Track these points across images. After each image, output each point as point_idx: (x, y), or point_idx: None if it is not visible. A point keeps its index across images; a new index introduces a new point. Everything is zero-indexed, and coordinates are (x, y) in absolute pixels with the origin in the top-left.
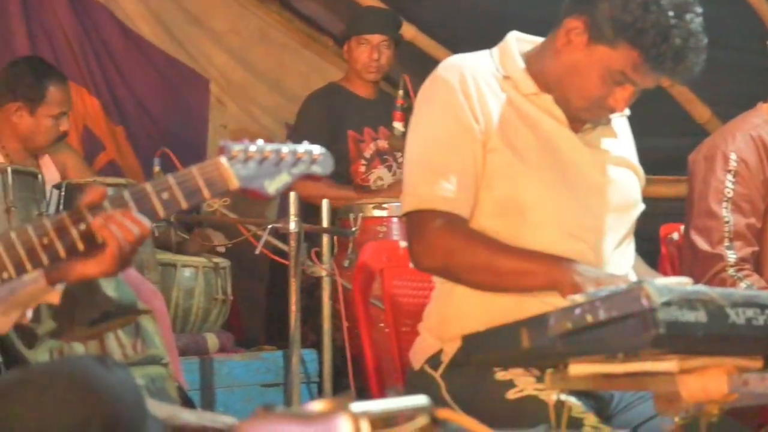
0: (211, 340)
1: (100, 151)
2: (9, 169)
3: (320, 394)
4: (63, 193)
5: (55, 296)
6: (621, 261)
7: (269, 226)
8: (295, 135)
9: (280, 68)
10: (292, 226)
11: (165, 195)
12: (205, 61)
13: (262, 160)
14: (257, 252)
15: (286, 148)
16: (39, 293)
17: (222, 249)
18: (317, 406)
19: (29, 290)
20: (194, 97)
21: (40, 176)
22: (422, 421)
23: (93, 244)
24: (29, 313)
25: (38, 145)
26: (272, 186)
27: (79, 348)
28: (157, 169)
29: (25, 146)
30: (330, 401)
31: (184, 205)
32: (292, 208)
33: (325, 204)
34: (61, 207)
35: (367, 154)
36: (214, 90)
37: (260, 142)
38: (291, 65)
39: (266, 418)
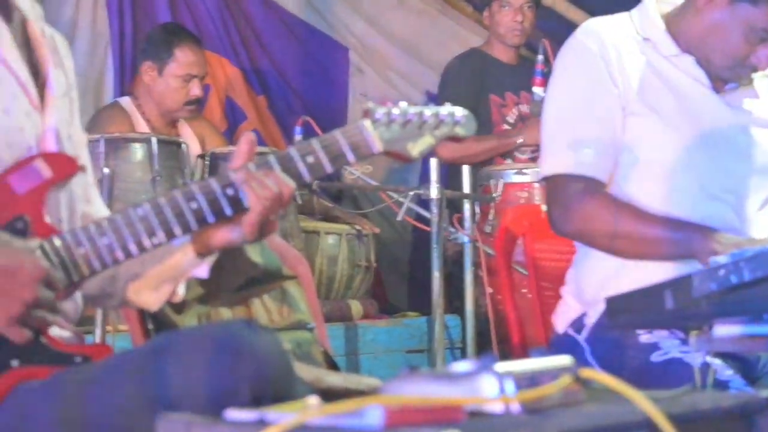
0: (355, 306)
1: (243, 121)
2: (154, 139)
3: (464, 359)
4: (207, 163)
5: (203, 270)
6: (765, 223)
7: (411, 193)
8: (438, 99)
9: (418, 35)
10: (434, 192)
11: (310, 159)
12: (344, 29)
13: (405, 123)
14: (399, 219)
15: (428, 111)
16: (188, 265)
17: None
18: (462, 366)
19: (177, 260)
20: (334, 66)
21: (183, 145)
22: (566, 380)
23: (240, 210)
24: (180, 290)
25: (169, 107)
26: (416, 149)
27: (225, 313)
28: (298, 138)
29: (160, 110)
30: (475, 361)
31: (328, 168)
32: (434, 175)
33: (466, 170)
34: (205, 176)
35: (511, 118)
36: (354, 58)
37: (403, 104)
38: (429, 32)
39: (412, 378)
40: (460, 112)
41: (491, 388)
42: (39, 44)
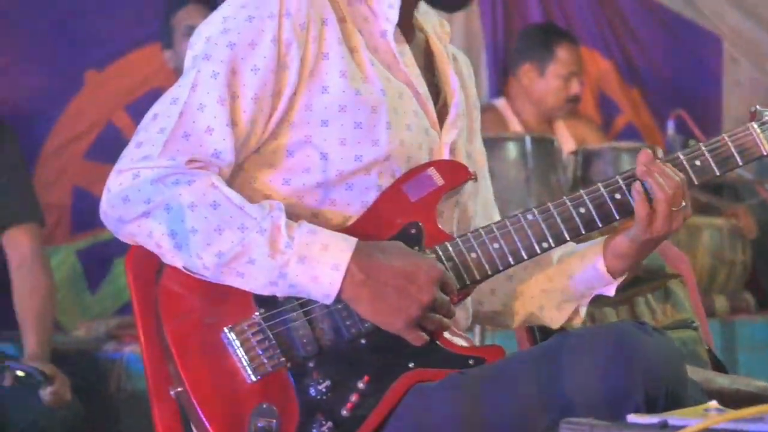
0: (720, 302)
1: (617, 114)
2: (527, 138)
3: None
4: (580, 160)
5: (610, 290)
6: None
7: None
8: None
9: None
10: None
11: (697, 162)
12: (716, 18)
13: None
14: None
15: None
16: (596, 282)
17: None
18: None
19: (586, 277)
20: (706, 56)
21: (556, 142)
22: None
23: (627, 214)
24: (583, 311)
25: (549, 106)
26: None
27: (610, 313)
28: (671, 131)
29: (538, 110)
30: None
31: (717, 172)
32: None
33: None
34: (578, 173)
35: None
36: (727, 48)
37: None
38: None
39: None
40: None
41: None
42: (441, 64)
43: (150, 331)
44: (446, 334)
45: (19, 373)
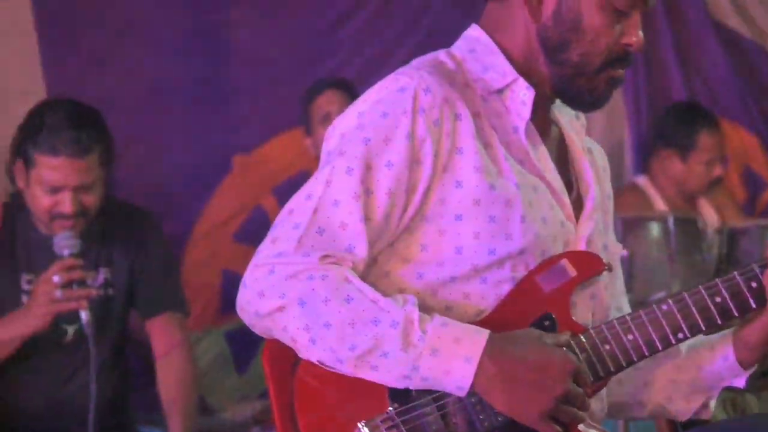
0: None
1: (762, 189)
2: (670, 218)
3: None
4: (725, 238)
5: (741, 381)
6: None
7: None
8: None
9: None
10: None
11: None
12: None
13: None
14: None
15: None
16: (727, 374)
17: None
18: None
19: (716, 368)
20: None
21: (700, 222)
22: None
23: (765, 303)
24: (712, 404)
25: (691, 189)
26: None
27: (751, 399)
28: None
29: (679, 190)
30: None
31: None
32: None
33: None
34: (723, 251)
35: None
36: None
37: None
38: None
39: None
40: None
41: None
42: (576, 157)
43: (287, 424)
44: (581, 427)
45: None
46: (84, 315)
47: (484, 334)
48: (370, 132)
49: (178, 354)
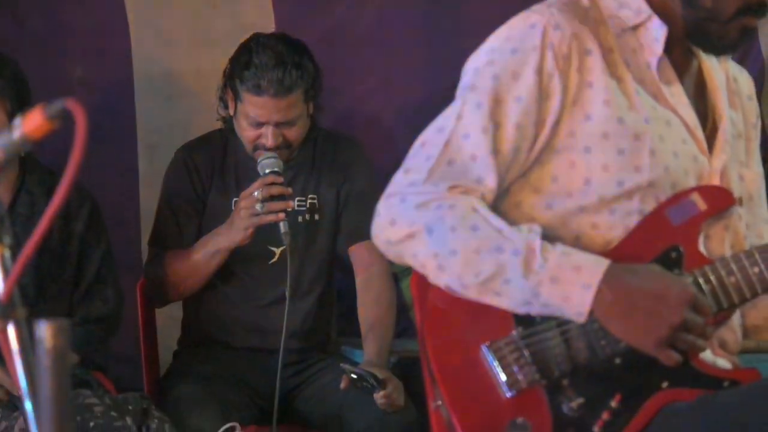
0: None
1: None
2: None
3: None
4: None
5: None
6: None
7: None
8: None
9: None
10: None
11: None
12: None
13: None
14: None
15: None
16: None
17: None
18: None
19: None
20: None
21: None
22: None
23: None
24: None
25: None
26: None
27: None
28: None
29: None
30: None
31: None
32: None
33: None
34: None
35: None
36: None
37: None
38: None
39: None
40: None
41: None
42: (713, 90)
43: (420, 345)
44: (707, 355)
45: (353, 375)
46: (283, 226)
47: (604, 263)
48: (499, 68)
49: (378, 277)
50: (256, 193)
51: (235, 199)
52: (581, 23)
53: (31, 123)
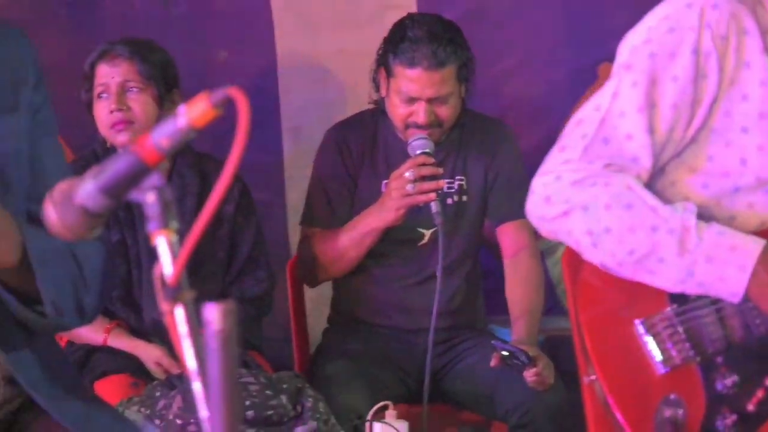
0: None
1: None
2: None
3: None
4: None
5: None
6: None
7: None
8: None
9: None
10: None
11: None
12: None
13: None
14: None
15: None
16: None
17: None
18: None
19: None
20: None
21: None
22: None
23: None
24: None
25: None
26: None
27: None
28: None
29: None
30: None
31: None
32: None
33: None
34: None
35: None
36: None
37: None
38: None
39: None
40: None
41: None
42: None
43: (572, 319)
44: None
45: (504, 353)
46: (434, 206)
47: (760, 243)
48: (656, 47)
49: (526, 256)
50: (407, 174)
51: (385, 181)
52: (739, 3)
53: (195, 111)
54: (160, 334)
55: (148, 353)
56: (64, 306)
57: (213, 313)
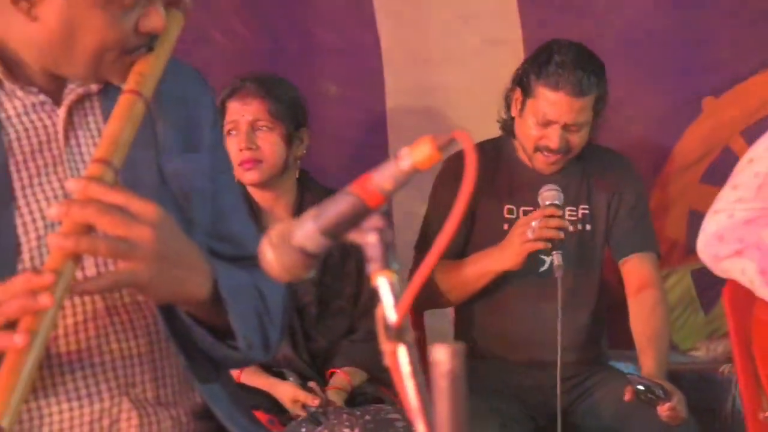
0: None
1: None
2: None
3: None
4: None
5: None
6: None
7: None
8: None
9: None
10: None
11: None
12: None
13: None
14: None
15: None
16: None
17: None
18: None
19: None
20: None
21: None
22: None
23: None
24: None
25: None
26: None
27: None
28: None
29: None
30: None
31: None
32: None
33: None
34: None
35: None
36: None
37: None
38: None
39: None
40: None
41: None
42: None
43: (744, 360)
44: None
45: (640, 387)
46: (556, 259)
47: None
48: None
49: (652, 292)
50: (533, 223)
51: (507, 206)
52: None
53: (420, 154)
54: (293, 369)
55: (284, 391)
56: (253, 340)
57: (441, 353)
